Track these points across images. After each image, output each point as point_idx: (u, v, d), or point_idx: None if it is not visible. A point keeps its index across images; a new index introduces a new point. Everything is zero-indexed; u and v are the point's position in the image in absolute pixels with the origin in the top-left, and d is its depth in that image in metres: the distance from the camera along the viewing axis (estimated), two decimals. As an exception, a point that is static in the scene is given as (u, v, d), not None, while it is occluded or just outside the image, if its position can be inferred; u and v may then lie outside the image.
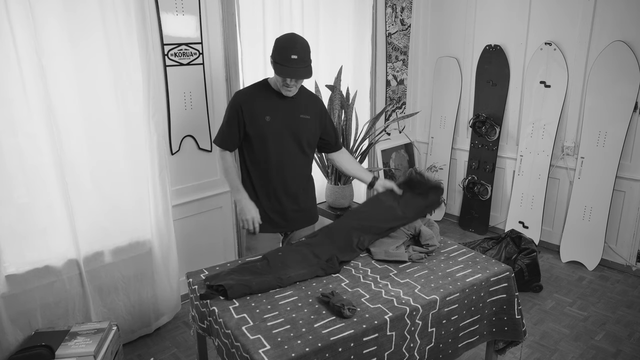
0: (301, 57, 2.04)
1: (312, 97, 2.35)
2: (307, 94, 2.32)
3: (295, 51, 2.03)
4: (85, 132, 2.41)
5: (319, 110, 2.34)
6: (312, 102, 2.33)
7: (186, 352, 2.68)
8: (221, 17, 2.93)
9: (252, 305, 1.74)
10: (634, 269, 3.44)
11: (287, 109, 2.22)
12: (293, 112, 2.23)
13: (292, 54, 2.02)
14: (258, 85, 2.26)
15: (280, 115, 2.20)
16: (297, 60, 2.03)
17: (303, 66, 2.06)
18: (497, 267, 2.02)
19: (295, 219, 2.37)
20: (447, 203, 4.46)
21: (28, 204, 2.28)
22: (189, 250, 3.06)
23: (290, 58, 2.02)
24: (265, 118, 2.18)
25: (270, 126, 2.19)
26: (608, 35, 3.27)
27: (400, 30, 4.12)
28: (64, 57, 2.28)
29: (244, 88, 2.28)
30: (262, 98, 2.20)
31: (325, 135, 2.38)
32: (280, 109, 2.21)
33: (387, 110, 4.22)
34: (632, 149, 3.31)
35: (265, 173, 2.25)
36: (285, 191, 2.29)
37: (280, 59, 2.04)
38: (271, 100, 2.20)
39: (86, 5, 2.29)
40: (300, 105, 2.25)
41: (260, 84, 2.26)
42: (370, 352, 1.63)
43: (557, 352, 2.64)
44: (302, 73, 2.06)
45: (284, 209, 2.31)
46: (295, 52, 2.02)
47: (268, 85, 2.23)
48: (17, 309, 2.31)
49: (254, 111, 2.18)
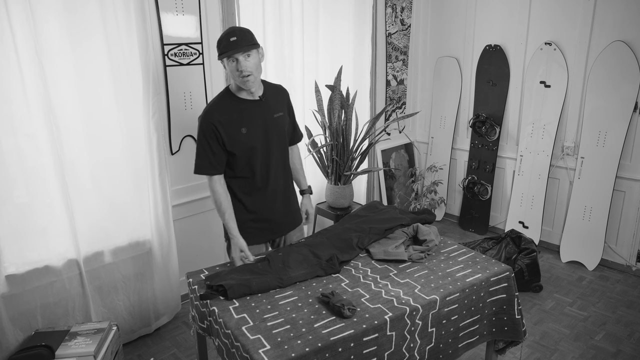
0: (241, 37, 1.96)
1: (278, 89, 2.25)
2: (273, 88, 2.21)
3: (234, 34, 1.96)
4: (85, 132, 2.41)
5: (287, 102, 2.27)
6: (280, 95, 2.23)
7: (186, 352, 2.68)
8: (221, 17, 2.93)
9: (252, 305, 1.74)
10: (634, 269, 3.44)
11: (260, 114, 2.11)
12: (266, 115, 2.13)
13: (230, 37, 1.95)
14: (222, 98, 2.11)
15: (255, 122, 2.09)
16: (237, 41, 1.94)
17: (246, 43, 1.96)
18: (497, 267, 2.02)
19: (285, 222, 2.30)
20: (447, 203, 4.46)
21: (28, 203, 2.28)
22: (189, 250, 3.06)
23: (230, 41, 1.94)
24: (242, 130, 2.06)
25: (248, 138, 2.07)
26: (608, 35, 3.27)
27: (400, 30, 4.12)
28: (64, 57, 2.28)
29: (209, 106, 2.11)
30: (231, 110, 2.07)
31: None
32: (253, 116, 2.09)
33: (387, 110, 4.22)
34: (632, 149, 3.31)
35: (252, 184, 2.16)
36: (274, 197, 2.21)
37: (221, 47, 1.97)
38: (241, 111, 2.08)
39: (86, 5, 2.30)
40: (270, 105, 2.15)
41: (224, 95, 2.12)
42: (370, 352, 1.63)
43: (557, 352, 2.64)
44: (245, 46, 1.95)
45: (274, 213, 2.23)
46: (233, 35, 1.96)
47: (231, 93, 2.10)
48: (17, 309, 2.31)
49: (228, 127, 2.05)
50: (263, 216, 2.20)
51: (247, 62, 1.97)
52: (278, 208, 2.24)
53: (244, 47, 1.95)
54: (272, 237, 2.29)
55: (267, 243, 2.32)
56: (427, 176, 4.41)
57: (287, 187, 2.29)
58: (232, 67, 1.98)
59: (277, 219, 2.25)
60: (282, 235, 2.32)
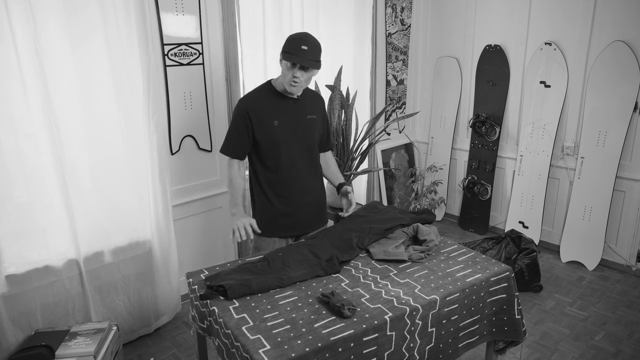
0: (311, 49, 2.03)
1: (316, 95, 2.36)
2: (311, 94, 2.32)
3: (307, 44, 2.02)
4: (85, 131, 2.41)
5: (322, 108, 2.35)
6: (317, 101, 2.34)
7: (186, 352, 2.68)
8: (221, 17, 2.93)
9: (252, 305, 1.74)
10: (634, 269, 3.44)
11: (294, 111, 2.21)
12: (300, 114, 2.22)
13: (302, 45, 2.01)
14: (262, 89, 2.22)
15: (289, 118, 2.19)
16: (307, 51, 2.01)
17: (313, 58, 2.04)
18: (497, 267, 2.02)
19: (308, 221, 2.35)
20: (447, 203, 4.46)
21: (28, 203, 2.28)
22: (189, 250, 3.06)
23: (301, 48, 2.01)
24: (274, 123, 2.15)
25: (279, 130, 2.16)
26: (608, 35, 3.27)
27: (400, 30, 4.12)
28: (64, 57, 2.28)
29: (248, 93, 2.23)
30: (268, 102, 2.17)
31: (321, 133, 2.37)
32: (288, 112, 2.19)
33: (387, 110, 4.22)
34: (632, 149, 3.31)
35: (278, 177, 2.23)
36: (299, 193, 2.27)
37: (290, 48, 2.02)
38: (278, 104, 2.18)
39: (86, 6, 2.29)
40: (306, 106, 2.24)
41: (264, 87, 2.22)
42: (370, 352, 1.63)
43: (557, 352, 2.64)
44: (311, 63, 2.04)
45: (297, 212, 2.29)
46: (306, 44, 2.02)
47: (272, 87, 2.20)
48: (17, 309, 2.31)
49: (261, 117, 2.15)
50: (285, 211, 2.27)
51: (304, 74, 2.07)
52: (301, 205, 2.29)
53: (309, 63, 2.03)
54: (293, 233, 2.33)
55: (287, 239, 2.35)
56: (427, 176, 4.41)
57: (312, 187, 2.34)
58: (289, 70, 2.05)
59: (301, 215, 2.31)
60: (304, 233, 2.35)
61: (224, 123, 3.07)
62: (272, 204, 2.25)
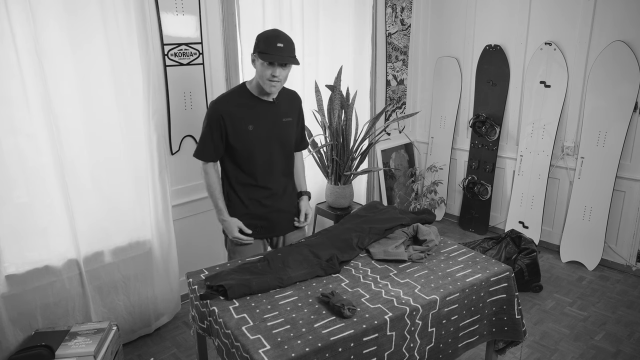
0: (287, 46, 1.98)
1: (292, 95, 2.28)
2: (287, 93, 2.24)
3: (281, 40, 1.97)
4: (85, 131, 2.41)
5: (298, 109, 2.29)
6: (293, 100, 2.26)
7: (186, 352, 2.68)
8: (221, 17, 2.93)
9: (252, 305, 1.74)
10: (634, 269, 3.44)
11: (270, 114, 2.14)
12: (275, 118, 2.16)
13: (277, 43, 1.96)
14: (236, 92, 2.14)
15: (263, 122, 2.12)
16: (283, 49, 1.96)
17: (290, 54, 1.99)
18: (497, 267, 2.02)
19: (283, 224, 2.30)
20: (447, 203, 4.46)
21: (28, 203, 2.28)
22: (189, 250, 3.06)
23: (277, 46, 1.95)
24: (248, 127, 2.09)
25: (253, 135, 2.10)
26: (608, 35, 3.27)
27: (400, 30, 4.12)
28: (64, 57, 2.28)
29: (221, 95, 2.16)
30: (243, 106, 2.10)
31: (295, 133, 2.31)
32: (263, 116, 2.12)
33: (387, 110, 4.22)
34: (632, 149, 3.31)
35: (250, 181, 2.18)
36: (273, 197, 2.23)
37: (265, 47, 1.96)
38: (252, 108, 2.11)
39: (86, 6, 2.29)
40: (282, 108, 2.18)
41: (239, 89, 2.15)
42: (370, 352, 1.63)
43: (557, 352, 2.64)
44: (290, 59, 1.99)
45: (270, 214, 2.24)
46: (280, 41, 1.97)
47: (246, 90, 2.12)
48: (17, 309, 2.31)
49: (235, 121, 2.08)
50: (258, 214, 2.23)
51: (283, 71, 2.02)
52: (275, 209, 2.25)
53: (288, 60, 1.99)
54: (267, 235, 2.30)
55: (264, 241, 2.32)
56: (427, 176, 4.41)
57: (287, 189, 2.29)
58: (266, 70, 1.99)
59: (274, 218, 2.26)
60: (278, 235, 2.32)
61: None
62: (245, 207, 2.21)
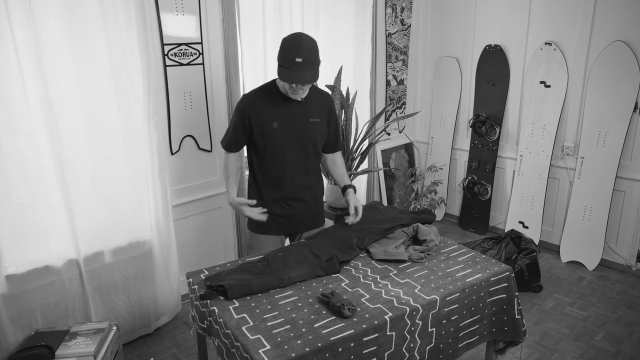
0: (306, 59, 1.94)
1: (323, 96, 2.27)
2: (318, 94, 2.24)
3: (300, 53, 1.92)
4: (85, 132, 2.41)
5: (329, 110, 2.27)
6: (323, 102, 2.24)
7: (186, 352, 2.68)
8: (221, 17, 2.93)
9: (252, 305, 1.74)
10: (634, 269, 3.44)
11: (296, 113, 2.14)
12: (302, 117, 2.15)
13: (296, 57, 1.91)
14: (265, 88, 2.17)
15: (289, 121, 2.13)
16: (301, 64, 1.92)
17: (309, 69, 1.96)
18: (497, 267, 2.02)
19: (304, 221, 2.33)
20: (447, 203, 4.46)
21: (28, 204, 2.28)
22: (189, 250, 3.06)
23: (295, 61, 1.91)
24: (273, 125, 2.10)
25: (278, 133, 2.11)
26: (608, 35, 3.27)
27: (400, 30, 4.12)
28: (64, 57, 2.28)
29: (252, 91, 2.19)
30: (269, 103, 2.12)
31: (328, 135, 2.30)
32: (288, 115, 2.13)
33: (387, 110, 4.22)
34: (632, 149, 3.31)
35: (274, 179, 2.20)
36: (294, 196, 2.25)
37: (284, 61, 1.94)
38: (279, 105, 2.12)
39: (86, 6, 2.29)
40: (310, 108, 2.17)
41: (268, 86, 2.17)
42: (370, 352, 1.63)
43: (557, 352, 2.64)
44: (307, 77, 1.96)
45: (292, 213, 2.27)
46: (299, 54, 1.92)
47: (276, 87, 2.14)
48: (17, 309, 2.31)
49: (260, 118, 2.10)
50: (279, 211, 2.25)
51: (302, 88, 2.03)
52: (296, 207, 2.27)
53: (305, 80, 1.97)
54: (287, 231, 2.33)
55: (281, 237, 2.34)
56: (427, 176, 4.41)
57: (309, 189, 2.30)
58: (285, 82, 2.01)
59: (295, 216, 2.29)
60: (299, 232, 2.34)
61: (224, 123, 3.07)
62: (266, 202, 2.24)
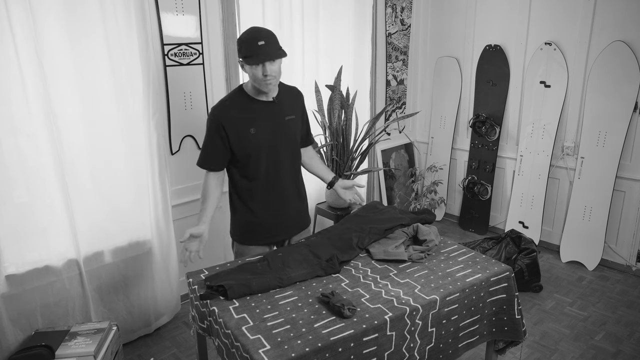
0: (269, 41, 1.91)
1: (293, 91, 2.21)
2: (287, 90, 2.17)
3: (261, 38, 1.90)
4: (85, 132, 2.41)
5: (301, 105, 2.22)
6: (294, 97, 2.20)
7: (186, 352, 2.68)
8: (221, 17, 2.93)
9: (252, 305, 1.74)
10: (634, 269, 3.44)
11: (271, 115, 2.07)
12: (277, 117, 2.09)
13: (258, 41, 1.89)
14: (234, 96, 2.08)
15: (265, 124, 2.05)
16: (265, 45, 1.89)
17: (275, 48, 1.92)
18: (497, 267, 2.02)
19: (292, 225, 2.27)
20: (447, 203, 4.46)
21: (28, 204, 2.28)
22: (189, 250, 3.06)
23: (258, 44, 1.88)
24: (250, 131, 2.02)
25: (256, 139, 2.04)
26: (608, 35, 3.27)
27: (400, 30, 4.12)
28: (64, 57, 2.28)
29: (220, 101, 2.09)
30: (242, 109, 2.04)
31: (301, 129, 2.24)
32: (264, 118, 2.05)
33: (387, 110, 4.22)
34: (632, 149, 3.31)
35: (258, 186, 2.13)
36: (281, 200, 2.18)
37: (248, 50, 1.90)
38: (252, 110, 2.04)
39: (86, 6, 2.30)
40: (283, 107, 2.11)
41: (236, 93, 2.09)
42: (370, 352, 1.63)
43: (557, 352, 2.64)
44: (276, 53, 1.92)
45: (278, 219, 2.20)
46: (261, 38, 1.90)
47: (244, 92, 2.06)
48: (17, 309, 2.31)
49: (236, 126, 2.01)
50: (269, 219, 2.17)
51: (272, 66, 1.93)
52: (285, 211, 2.20)
53: (274, 55, 1.92)
54: (277, 239, 2.25)
55: (271, 246, 2.28)
56: (427, 176, 4.41)
57: (295, 190, 2.25)
58: (256, 71, 1.93)
59: (284, 222, 2.22)
60: (288, 237, 2.28)
61: (224, 123, 3.07)
62: (252, 212, 2.15)
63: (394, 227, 2.24)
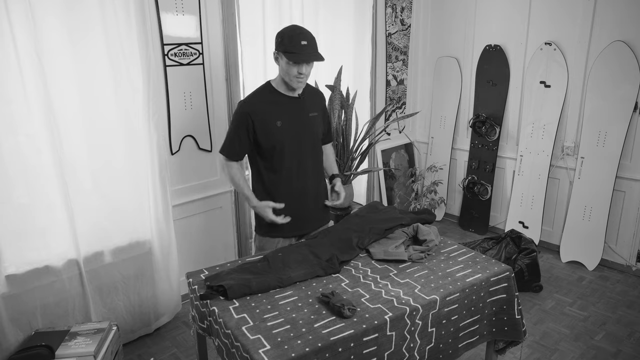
0: (311, 43, 2.04)
1: (315, 91, 2.36)
2: (310, 90, 2.31)
3: (304, 37, 2.02)
4: (85, 132, 2.41)
5: (322, 104, 2.36)
6: (317, 97, 2.34)
7: (186, 352, 2.68)
8: (221, 17, 2.93)
9: (252, 305, 1.74)
10: (634, 269, 3.44)
11: (297, 110, 2.20)
12: (302, 112, 2.21)
13: (302, 40, 2.01)
14: (262, 91, 2.21)
15: (291, 118, 2.17)
16: (307, 46, 2.02)
17: (314, 51, 2.05)
18: (497, 267, 2.02)
19: (314, 219, 2.35)
20: (447, 203, 4.46)
21: (28, 204, 2.28)
22: (189, 250, 3.06)
23: (301, 44, 2.00)
24: (277, 123, 2.14)
25: (282, 131, 2.15)
26: (608, 35, 3.27)
27: (400, 30, 4.12)
28: (64, 57, 2.28)
29: (248, 95, 2.22)
30: (270, 103, 2.16)
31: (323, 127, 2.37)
32: (289, 112, 2.17)
33: (387, 110, 4.22)
34: (632, 149, 3.31)
35: (282, 178, 2.21)
36: (304, 193, 2.26)
37: (291, 46, 2.01)
38: (279, 104, 2.16)
39: (86, 6, 2.29)
40: (307, 104, 2.23)
41: (264, 88, 2.21)
42: (370, 352, 1.63)
43: (557, 352, 2.64)
44: (315, 56, 2.05)
45: (303, 211, 2.27)
46: (304, 38, 2.02)
47: (272, 88, 2.18)
48: (17, 309, 2.31)
49: (264, 118, 2.13)
50: (290, 211, 2.23)
51: (307, 67, 2.07)
52: (306, 205, 2.28)
53: (313, 58, 2.04)
54: (298, 232, 2.32)
55: (291, 240, 2.33)
56: (427, 176, 4.41)
57: (317, 185, 2.33)
58: (291, 68, 2.05)
59: (305, 215, 2.29)
60: (309, 232, 2.34)
61: (224, 123, 3.07)
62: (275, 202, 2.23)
63: (394, 227, 2.24)
